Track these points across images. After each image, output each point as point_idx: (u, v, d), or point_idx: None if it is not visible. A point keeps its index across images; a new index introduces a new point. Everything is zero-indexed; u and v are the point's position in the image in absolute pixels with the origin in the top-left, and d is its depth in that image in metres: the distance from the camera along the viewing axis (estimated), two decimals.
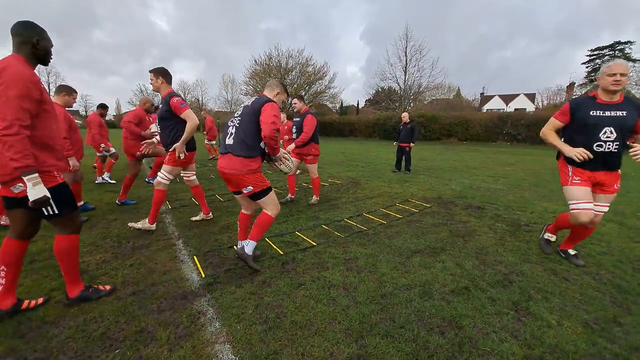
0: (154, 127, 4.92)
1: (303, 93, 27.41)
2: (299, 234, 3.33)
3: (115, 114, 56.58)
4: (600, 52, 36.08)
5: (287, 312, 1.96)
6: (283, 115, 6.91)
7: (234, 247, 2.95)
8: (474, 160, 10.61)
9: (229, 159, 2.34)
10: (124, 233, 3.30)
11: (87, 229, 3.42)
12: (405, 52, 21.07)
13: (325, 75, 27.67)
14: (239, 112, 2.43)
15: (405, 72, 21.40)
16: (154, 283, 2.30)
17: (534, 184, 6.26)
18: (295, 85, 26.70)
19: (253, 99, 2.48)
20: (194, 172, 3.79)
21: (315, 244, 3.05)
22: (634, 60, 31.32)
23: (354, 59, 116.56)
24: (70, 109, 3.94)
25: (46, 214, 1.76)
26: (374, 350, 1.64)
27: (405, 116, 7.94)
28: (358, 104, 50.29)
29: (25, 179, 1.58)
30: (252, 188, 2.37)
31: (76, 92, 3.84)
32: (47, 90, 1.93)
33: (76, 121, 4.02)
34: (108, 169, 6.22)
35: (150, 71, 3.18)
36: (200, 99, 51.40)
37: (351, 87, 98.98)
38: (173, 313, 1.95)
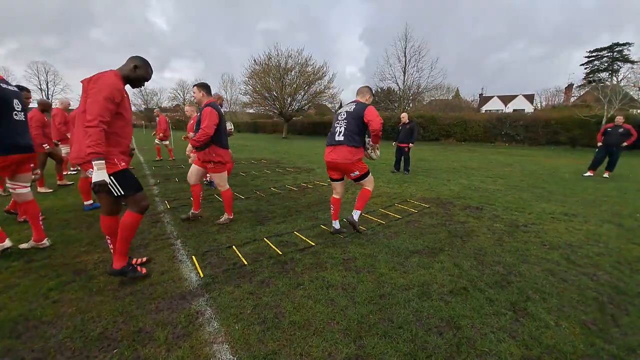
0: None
1: (303, 93, 27.39)
2: (297, 234, 3.33)
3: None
4: (599, 53, 36.15)
5: (286, 312, 1.96)
6: (190, 109, 5.75)
7: (233, 247, 2.94)
8: (472, 160, 10.63)
9: (340, 150, 3.09)
10: None
11: (85, 228, 3.41)
12: (405, 53, 21.08)
13: (325, 76, 27.62)
14: (344, 116, 3.15)
15: (404, 73, 21.40)
16: (152, 283, 2.29)
17: (532, 185, 6.27)
18: (294, 85, 26.66)
19: (353, 105, 3.17)
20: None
21: (313, 244, 3.05)
22: (633, 62, 31.44)
23: (353, 59, 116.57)
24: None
25: (115, 194, 2.13)
26: (372, 351, 1.64)
27: (404, 116, 7.95)
28: None
29: (93, 163, 1.94)
30: (358, 172, 3.15)
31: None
32: (129, 99, 2.29)
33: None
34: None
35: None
36: None
37: (350, 88, 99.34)
38: (171, 313, 1.94)
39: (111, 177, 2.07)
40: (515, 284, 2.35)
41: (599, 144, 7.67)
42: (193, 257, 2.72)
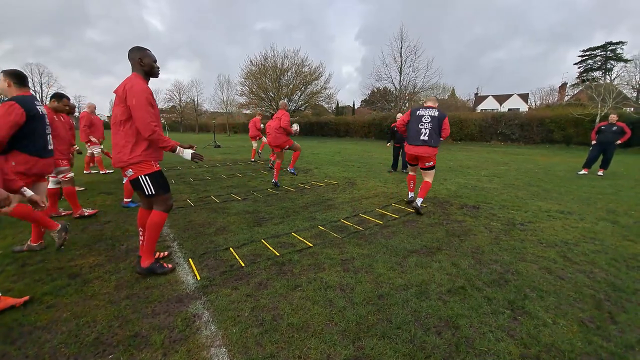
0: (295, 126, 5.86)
1: (299, 94, 27.37)
2: (295, 235, 3.32)
3: (109, 115, 55.86)
4: (592, 52, 36.54)
5: (284, 314, 1.95)
6: None
7: (230, 249, 2.92)
8: (468, 159, 10.67)
9: (427, 148, 4.04)
10: (117, 236, 3.26)
11: (80, 231, 3.37)
12: (401, 53, 21.12)
13: (321, 76, 27.66)
14: (428, 119, 4.05)
15: (400, 73, 21.44)
16: (149, 286, 2.27)
17: (528, 183, 6.31)
18: (291, 86, 26.64)
19: (435, 111, 4.10)
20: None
21: (311, 245, 3.04)
22: (626, 61, 31.80)
23: (350, 59, 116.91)
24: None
25: (146, 193, 2.28)
26: (371, 352, 1.63)
27: (400, 117, 7.97)
28: (354, 105, 50.37)
29: (179, 153, 2.35)
30: (432, 163, 4.14)
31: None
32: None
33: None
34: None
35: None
36: (195, 99, 51.16)
37: (347, 88, 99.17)
38: (168, 316, 1.92)
39: (146, 177, 2.25)
40: (512, 283, 2.36)
41: (593, 142, 7.74)
42: (190, 259, 2.70)
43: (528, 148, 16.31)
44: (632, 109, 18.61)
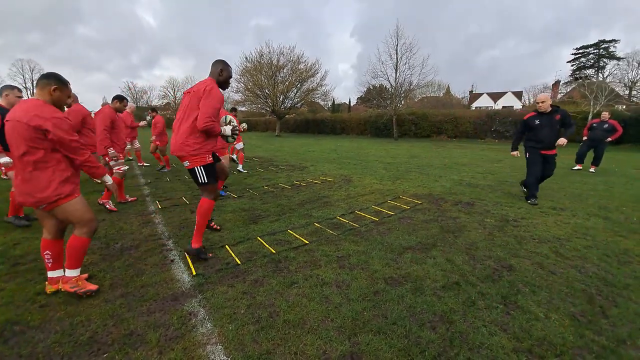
0: None
1: (295, 91, 27.21)
2: (291, 232, 3.32)
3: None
4: (586, 50, 36.87)
5: (280, 311, 1.95)
6: None
7: (226, 246, 2.92)
8: (463, 157, 10.74)
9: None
10: (111, 234, 3.24)
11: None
12: (396, 50, 21.00)
13: (317, 73, 27.47)
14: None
15: (396, 70, 21.37)
16: (144, 285, 2.26)
17: (521, 180, 6.37)
18: (287, 83, 26.45)
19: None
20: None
21: (307, 242, 3.04)
22: (618, 59, 32.16)
23: (346, 56, 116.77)
24: None
25: (200, 181, 2.58)
26: (366, 347, 1.65)
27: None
28: (350, 102, 50.40)
29: (224, 129, 2.74)
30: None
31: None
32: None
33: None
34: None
35: None
36: None
37: (343, 85, 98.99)
38: (163, 315, 1.92)
39: (201, 168, 2.55)
40: (505, 278, 2.39)
41: (584, 138, 7.88)
42: (187, 255, 2.68)
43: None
44: (625, 107, 18.85)
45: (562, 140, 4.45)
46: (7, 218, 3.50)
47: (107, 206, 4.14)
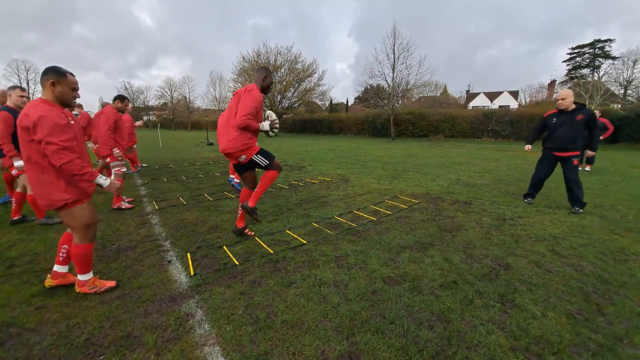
0: None
1: (292, 90, 27.21)
2: (289, 232, 3.31)
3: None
4: (581, 50, 37.17)
5: (278, 311, 1.95)
6: None
7: (224, 247, 2.91)
8: (460, 156, 10.78)
9: None
10: (108, 235, 3.22)
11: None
12: (394, 50, 21.04)
13: (315, 73, 27.55)
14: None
15: (393, 70, 21.41)
16: (140, 286, 2.24)
17: (518, 179, 6.41)
18: (284, 83, 26.45)
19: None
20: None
21: (305, 242, 3.04)
22: (614, 58, 32.43)
23: (343, 56, 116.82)
24: None
25: (263, 165, 2.93)
26: (365, 347, 1.65)
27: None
28: (347, 102, 50.45)
29: (263, 124, 2.89)
30: None
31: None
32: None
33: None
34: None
35: None
36: (187, 96, 50.49)
37: (340, 85, 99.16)
38: (160, 316, 1.91)
39: (257, 155, 2.89)
40: (502, 277, 2.40)
41: None
42: (188, 254, 2.67)
43: (518, 144, 16.53)
44: (620, 106, 19.01)
45: (588, 153, 4.47)
46: (39, 220, 3.52)
47: (123, 207, 4.16)
